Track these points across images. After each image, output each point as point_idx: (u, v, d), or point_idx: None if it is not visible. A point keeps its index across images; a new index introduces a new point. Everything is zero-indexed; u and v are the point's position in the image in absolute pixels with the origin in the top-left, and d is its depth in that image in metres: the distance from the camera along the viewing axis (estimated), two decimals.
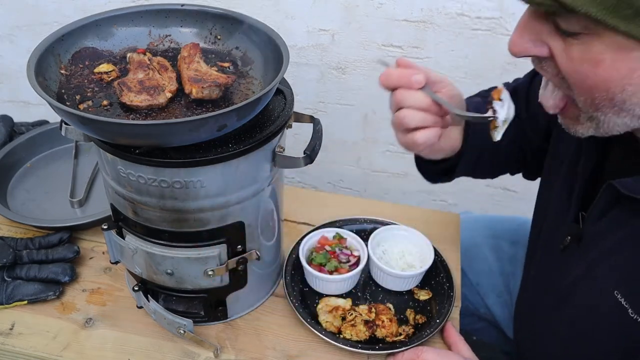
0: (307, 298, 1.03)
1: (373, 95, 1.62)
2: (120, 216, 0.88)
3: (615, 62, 0.61)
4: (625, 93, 0.63)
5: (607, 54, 0.61)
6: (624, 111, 0.65)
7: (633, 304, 0.72)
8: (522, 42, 0.66)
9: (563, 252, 0.85)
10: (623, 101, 0.63)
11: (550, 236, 0.91)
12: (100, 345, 0.94)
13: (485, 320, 1.25)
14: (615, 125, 0.67)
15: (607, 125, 0.68)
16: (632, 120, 0.66)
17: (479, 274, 1.22)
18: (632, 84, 0.62)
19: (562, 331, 0.85)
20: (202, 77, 0.81)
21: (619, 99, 0.63)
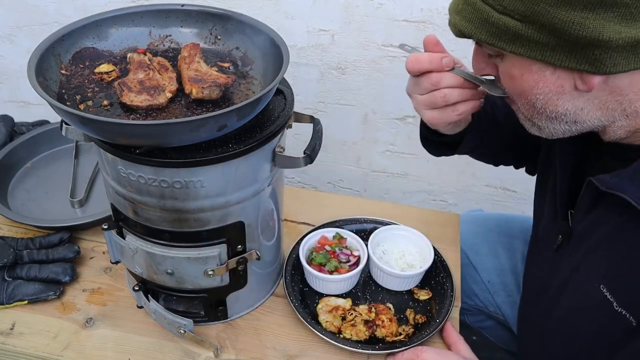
0: (307, 298, 1.03)
1: (373, 95, 1.62)
2: (120, 216, 0.88)
3: (523, 75, 0.71)
4: (540, 101, 0.72)
5: (514, 69, 0.72)
6: (553, 118, 0.74)
7: (618, 297, 0.73)
8: (478, 64, 0.80)
9: (556, 251, 0.87)
10: (543, 108, 0.73)
11: (545, 236, 0.93)
12: (101, 345, 0.94)
13: (494, 318, 1.25)
14: (556, 130, 0.75)
15: (547, 129, 0.76)
16: (570, 126, 0.74)
17: (491, 272, 1.22)
18: (540, 93, 0.71)
19: (558, 328, 0.86)
20: (202, 77, 0.81)
21: (538, 106, 0.73)
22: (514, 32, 0.67)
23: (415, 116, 1.64)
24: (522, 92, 0.73)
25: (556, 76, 0.69)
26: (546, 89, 0.70)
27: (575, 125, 0.74)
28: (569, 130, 0.75)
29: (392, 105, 1.63)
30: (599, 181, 0.74)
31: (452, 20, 0.74)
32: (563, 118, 0.73)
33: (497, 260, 1.22)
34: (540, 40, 0.66)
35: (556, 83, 0.69)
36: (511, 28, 0.67)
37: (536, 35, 0.66)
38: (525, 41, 0.67)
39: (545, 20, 0.64)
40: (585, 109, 0.71)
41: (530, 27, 0.66)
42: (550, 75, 0.69)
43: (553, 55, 0.66)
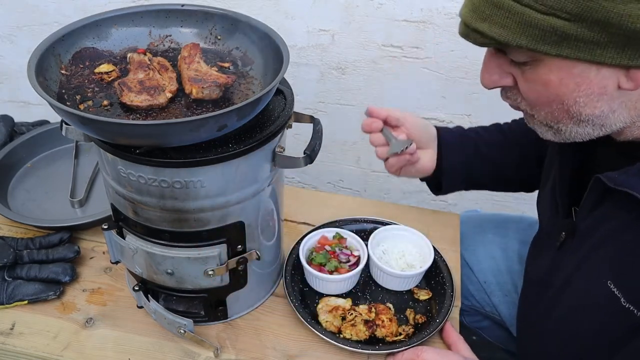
0: (307, 298, 1.03)
1: (373, 95, 1.62)
2: (120, 216, 0.88)
3: (562, 80, 0.69)
4: (578, 105, 0.70)
5: (552, 75, 0.69)
6: (582, 122, 0.72)
7: (625, 293, 0.73)
8: (490, 76, 0.77)
9: (559, 249, 0.87)
10: (579, 112, 0.71)
11: (548, 234, 0.93)
12: (101, 345, 0.94)
13: (491, 318, 1.25)
14: (577, 134, 0.75)
15: (567, 134, 0.75)
16: (594, 129, 0.73)
17: (487, 272, 1.22)
18: (581, 96, 0.69)
19: (559, 327, 0.86)
20: (202, 77, 0.81)
21: (574, 110, 0.71)
22: (561, 32, 0.64)
23: None
24: (557, 97, 0.70)
25: (600, 76, 0.67)
26: (588, 91, 0.68)
27: (600, 129, 0.73)
28: (590, 134, 0.74)
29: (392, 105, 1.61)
30: (606, 178, 0.73)
31: (479, 28, 0.69)
32: (594, 121, 0.72)
33: (493, 260, 1.22)
34: (590, 38, 0.63)
35: (600, 84, 0.67)
36: (558, 29, 0.63)
37: (586, 34, 0.63)
38: (573, 41, 0.64)
39: (599, 16, 0.61)
40: (617, 111, 0.71)
41: (580, 25, 0.63)
42: (594, 76, 0.67)
43: (603, 53, 0.64)
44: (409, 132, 1.09)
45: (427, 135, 1.11)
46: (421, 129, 1.10)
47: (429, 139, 1.12)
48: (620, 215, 0.75)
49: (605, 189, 0.75)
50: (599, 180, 0.75)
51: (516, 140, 1.14)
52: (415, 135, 1.09)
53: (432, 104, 1.60)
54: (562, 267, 0.86)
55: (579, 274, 0.82)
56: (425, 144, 1.11)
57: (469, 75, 1.51)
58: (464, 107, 1.59)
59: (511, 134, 1.15)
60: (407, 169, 1.12)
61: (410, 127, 1.09)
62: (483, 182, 1.18)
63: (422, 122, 1.11)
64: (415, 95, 1.59)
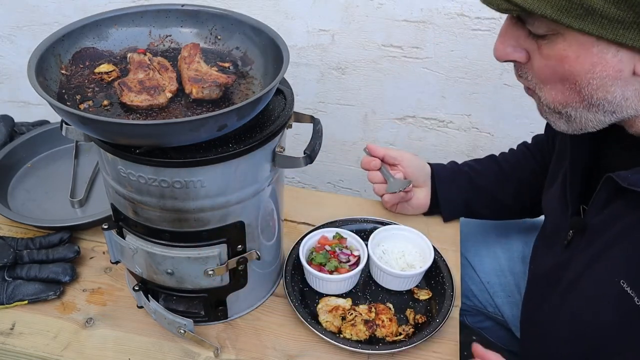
0: (307, 298, 1.03)
1: (373, 95, 1.62)
2: (120, 216, 0.88)
3: (579, 57, 0.67)
4: (591, 87, 0.68)
5: (570, 51, 0.67)
6: (593, 106, 0.70)
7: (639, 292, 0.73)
8: (504, 47, 0.74)
9: (567, 247, 0.87)
10: (590, 95, 0.69)
11: (554, 232, 0.93)
12: (101, 345, 0.94)
13: (493, 319, 1.25)
14: (588, 120, 0.73)
15: (579, 120, 0.73)
16: (605, 116, 0.72)
17: (489, 273, 1.22)
18: (595, 78, 0.67)
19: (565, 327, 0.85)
20: (202, 77, 0.81)
21: (586, 92, 0.69)
22: (587, 6, 0.62)
23: (415, 116, 1.64)
24: (571, 75, 0.69)
25: (618, 59, 0.65)
26: (603, 73, 0.67)
27: (611, 116, 0.71)
28: (602, 121, 0.73)
29: (392, 105, 1.63)
30: (619, 177, 0.72)
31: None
32: (605, 106, 0.70)
33: (496, 261, 1.23)
34: (616, 16, 0.61)
35: (616, 67, 0.66)
36: (585, 1, 0.61)
37: (613, 11, 0.61)
38: (598, 17, 0.62)
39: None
40: (630, 99, 0.69)
41: (608, 1, 0.61)
42: (611, 57, 0.65)
43: (626, 34, 0.62)
44: (405, 171, 1.17)
45: (423, 174, 1.18)
46: (417, 168, 1.18)
47: (424, 178, 1.18)
48: (633, 214, 0.74)
49: (617, 188, 0.74)
50: (611, 179, 0.74)
51: (512, 169, 1.17)
52: (411, 174, 1.17)
53: (432, 104, 1.60)
54: (570, 265, 0.85)
55: (588, 272, 0.81)
56: (421, 182, 1.19)
57: (469, 75, 1.51)
58: (464, 107, 1.59)
59: (506, 164, 1.18)
60: (402, 206, 1.20)
61: (407, 166, 1.17)
62: (483, 213, 1.21)
63: (418, 162, 1.19)
64: (415, 95, 1.59)
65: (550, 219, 0.98)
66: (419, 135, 1.67)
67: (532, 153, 1.18)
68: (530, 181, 1.15)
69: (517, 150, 1.21)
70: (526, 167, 1.16)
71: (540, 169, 1.15)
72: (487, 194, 1.17)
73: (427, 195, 1.19)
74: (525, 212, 1.22)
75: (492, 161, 1.20)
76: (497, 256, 1.23)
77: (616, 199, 0.77)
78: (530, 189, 1.15)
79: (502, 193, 1.17)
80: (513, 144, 1.24)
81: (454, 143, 1.67)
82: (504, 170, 1.17)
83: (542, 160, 1.15)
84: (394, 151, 1.18)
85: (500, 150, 1.25)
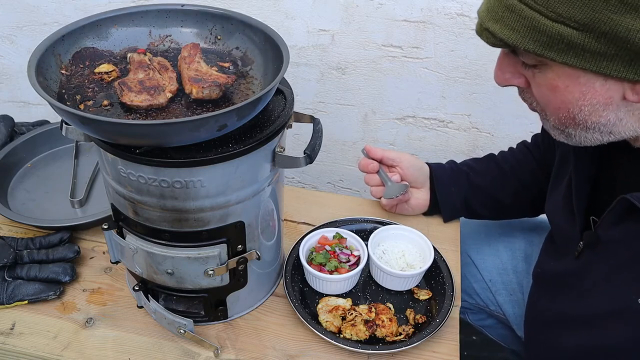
0: (307, 298, 1.03)
1: (373, 95, 1.62)
2: (120, 216, 0.88)
3: (568, 87, 0.69)
4: (583, 113, 0.70)
5: (559, 81, 0.69)
6: (589, 129, 0.72)
7: None
8: (503, 74, 0.77)
9: (578, 258, 0.87)
10: (584, 120, 0.71)
11: (563, 242, 0.93)
12: (101, 345, 0.94)
13: (495, 317, 1.25)
14: (587, 139, 0.74)
15: (577, 138, 0.75)
16: (603, 136, 0.73)
17: (492, 271, 1.22)
18: (586, 105, 0.69)
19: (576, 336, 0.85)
20: (202, 77, 0.81)
21: (580, 118, 0.71)
22: (568, 41, 0.64)
23: (415, 116, 1.64)
24: (563, 104, 0.71)
25: (606, 87, 0.67)
26: (594, 101, 0.68)
27: (609, 136, 0.73)
28: (600, 139, 0.74)
29: (392, 105, 1.63)
30: (635, 199, 0.72)
31: (491, 28, 0.69)
32: (601, 129, 0.72)
33: (499, 259, 1.23)
34: (597, 49, 0.63)
35: (605, 95, 0.67)
36: (565, 37, 0.63)
37: (594, 45, 0.63)
38: (580, 51, 0.64)
39: (607, 28, 0.61)
40: (624, 120, 0.70)
41: (588, 35, 0.62)
42: (599, 86, 0.67)
43: (609, 66, 0.64)
44: (404, 173, 1.17)
45: (421, 175, 1.18)
46: (416, 170, 1.18)
47: (423, 179, 1.18)
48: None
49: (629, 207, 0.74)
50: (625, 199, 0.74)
51: (511, 169, 1.17)
52: (410, 175, 1.17)
53: (432, 104, 1.60)
54: (582, 276, 0.85)
55: (604, 287, 0.81)
56: (420, 183, 1.19)
57: (469, 75, 1.51)
58: (464, 107, 1.59)
59: (505, 163, 1.18)
60: (402, 207, 1.20)
61: (405, 167, 1.17)
62: (482, 213, 1.21)
63: (417, 162, 1.18)
64: (415, 95, 1.59)
65: (556, 227, 0.97)
66: (419, 135, 1.67)
67: (532, 152, 1.18)
68: (529, 181, 1.15)
69: (516, 150, 1.21)
70: (525, 166, 1.16)
71: (539, 169, 1.15)
72: (486, 193, 1.17)
73: (426, 195, 1.19)
74: (524, 211, 1.22)
75: (491, 161, 1.20)
76: (500, 254, 1.23)
77: (629, 216, 0.76)
78: (530, 189, 1.15)
79: (502, 193, 1.17)
80: (513, 144, 1.24)
81: (454, 143, 1.67)
82: (503, 170, 1.17)
83: (541, 159, 1.15)
84: (392, 153, 1.18)
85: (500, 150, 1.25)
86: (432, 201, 1.19)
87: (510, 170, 1.17)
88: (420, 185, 1.19)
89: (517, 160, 1.18)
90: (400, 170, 1.17)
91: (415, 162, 1.19)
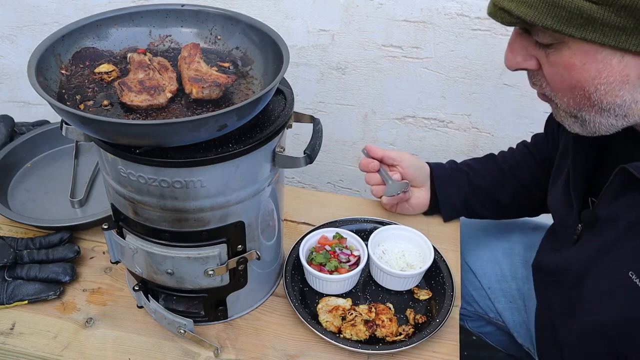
0: (307, 298, 1.03)
1: (373, 95, 1.62)
2: (120, 216, 0.88)
3: (584, 64, 0.68)
4: (599, 92, 0.69)
5: (575, 58, 0.68)
6: (605, 111, 0.71)
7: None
8: (514, 57, 0.76)
9: (577, 242, 0.87)
10: (600, 100, 0.70)
11: (563, 230, 0.92)
12: (101, 345, 0.94)
13: (495, 324, 1.25)
14: (601, 125, 0.74)
15: (592, 124, 0.74)
16: (617, 120, 0.72)
17: (491, 279, 1.22)
18: (602, 83, 0.68)
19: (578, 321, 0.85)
20: (202, 77, 0.81)
21: (595, 98, 0.70)
22: (587, 15, 0.63)
23: (415, 116, 1.64)
24: (579, 82, 0.70)
25: (624, 64, 0.66)
26: (610, 79, 0.68)
27: (623, 120, 0.72)
28: (614, 125, 0.73)
29: (392, 105, 1.63)
30: (634, 168, 0.72)
31: (507, 6, 0.68)
32: (616, 110, 0.71)
33: (498, 266, 1.22)
34: (617, 23, 0.63)
35: (623, 72, 0.67)
36: (585, 11, 0.63)
37: (613, 18, 0.62)
38: (599, 25, 0.63)
39: (626, 1, 0.61)
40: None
41: (607, 9, 0.62)
42: (617, 63, 0.66)
43: (629, 40, 0.63)
44: (404, 172, 1.17)
45: (422, 174, 1.18)
46: (416, 169, 1.18)
47: (423, 178, 1.18)
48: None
49: (630, 179, 0.74)
50: (625, 171, 0.74)
51: (510, 169, 1.17)
52: (410, 175, 1.17)
53: (432, 104, 1.60)
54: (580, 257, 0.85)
55: (598, 263, 0.80)
56: (420, 182, 1.19)
57: (469, 75, 1.51)
58: (464, 107, 1.59)
59: (505, 164, 1.18)
60: (402, 206, 1.20)
61: (406, 167, 1.17)
62: (482, 213, 1.21)
63: (417, 162, 1.19)
64: (415, 95, 1.59)
65: (557, 216, 0.97)
66: (419, 135, 1.67)
67: (532, 152, 1.18)
68: (529, 181, 1.15)
69: (516, 150, 1.21)
70: (525, 167, 1.16)
71: (538, 169, 1.15)
72: (486, 192, 1.17)
73: (426, 195, 1.20)
74: (524, 211, 1.22)
75: (491, 161, 1.20)
76: (498, 261, 1.22)
77: (628, 190, 0.76)
78: (529, 189, 1.15)
79: (501, 192, 1.17)
80: (513, 144, 1.24)
81: (454, 143, 1.67)
82: (503, 170, 1.18)
83: (541, 159, 1.15)
84: (392, 152, 1.18)
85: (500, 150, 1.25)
86: (432, 200, 1.19)
87: (510, 170, 1.17)
88: (420, 185, 1.19)
89: (517, 160, 1.18)
90: (401, 169, 1.18)
91: (416, 161, 1.19)
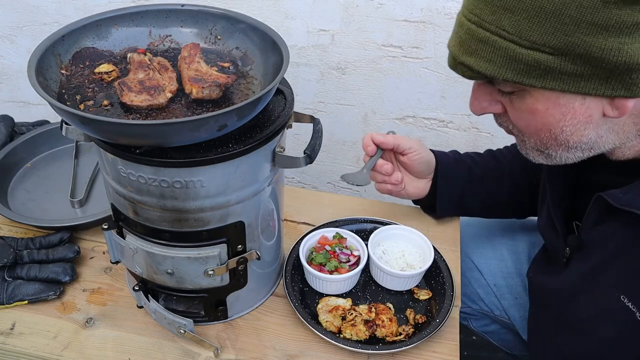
0: (307, 298, 1.03)
1: (373, 95, 1.62)
2: (120, 216, 0.88)
3: (548, 109, 0.70)
4: (565, 133, 0.72)
5: (538, 104, 0.70)
6: (571, 148, 0.73)
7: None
8: (479, 103, 0.78)
9: (567, 265, 0.88)
10: (566, 140, 0.72)
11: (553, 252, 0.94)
12: (101, 345, 0.94)
13: (500, 322, 1.24)
14: (568, 158, 0.76)
15: (558, 158, 0.76)
16: (584, 152, 0.74)
17: (496, 275, 1.22)
18: (567, 125, 0.71)
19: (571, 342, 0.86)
20: (202, 77, 0.81)
21: (562, 138, 0.72)
22: (545, 66, 0.65)
23: (415, 116, 1.64)
24: (545, 126, 0.72)
25: (585, 106, 0.68)
26: (574, 120, 0.69)
27: (589, 152, 0.74)
28: (581, 156, 0.75)
29: (392, 105, 1.63)
30: (610, 197, 0.74)
31: (466, 61, 0.70)
32: (582, 147, 0.73)
33: (503, 262, 1.22)
34: (574, 71, 0.65)
35: (585, 113, 0.69)
36: (542, 63, 0.65)
37: (570, 67, 0.64)
38: (557, 74, 0.65)
39: (581, 50, 0.63)
40: (604, 136, 0.72)
41: (563, 59, 0.64)
42: (579, 105, 0.68)
43: (587, 85, 0.65)
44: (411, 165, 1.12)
45: (427, 169, 1.15)
46: (424, 165, 1.14)
47: (428, 172, 1.16)
48: (628, 231, 0.75)
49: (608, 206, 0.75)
50: (601, 198, 0.75)
51: (508, 166, 1.17)
52: (416, 171, 1.14)
53: (432, 104, 1.60)
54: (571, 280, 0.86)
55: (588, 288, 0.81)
56: (424, 175, 1.16)
57: None
58: (464, 107, 1.58)
59: (504, 159, 1.18)
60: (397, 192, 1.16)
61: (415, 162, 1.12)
62: (474, 208, 1.20)
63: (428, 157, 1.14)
64: (415, 95, 1.59)
65: (547, 240, 0.99)
66: (419, 135, 1.67)
67: None
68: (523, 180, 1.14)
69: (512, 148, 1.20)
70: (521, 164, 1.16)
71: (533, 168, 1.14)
72: (483, 187, 1.16)
73: (426, 185, 1.17)
74: (515, 211, 1.21)
75: (491, 156, 1.19)
76: (503, 258, 1.22)
77: (608, 216, 0.77)
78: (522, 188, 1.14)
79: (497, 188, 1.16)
80: None
81: (454, 143, 1.67)
82: (501, 165, 1.17)
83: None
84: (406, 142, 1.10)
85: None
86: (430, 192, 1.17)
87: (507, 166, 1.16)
88: (423, 177, 1.16)
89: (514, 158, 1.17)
90: (409, 161, 1.12)
91: (427, 157, 1.14)
